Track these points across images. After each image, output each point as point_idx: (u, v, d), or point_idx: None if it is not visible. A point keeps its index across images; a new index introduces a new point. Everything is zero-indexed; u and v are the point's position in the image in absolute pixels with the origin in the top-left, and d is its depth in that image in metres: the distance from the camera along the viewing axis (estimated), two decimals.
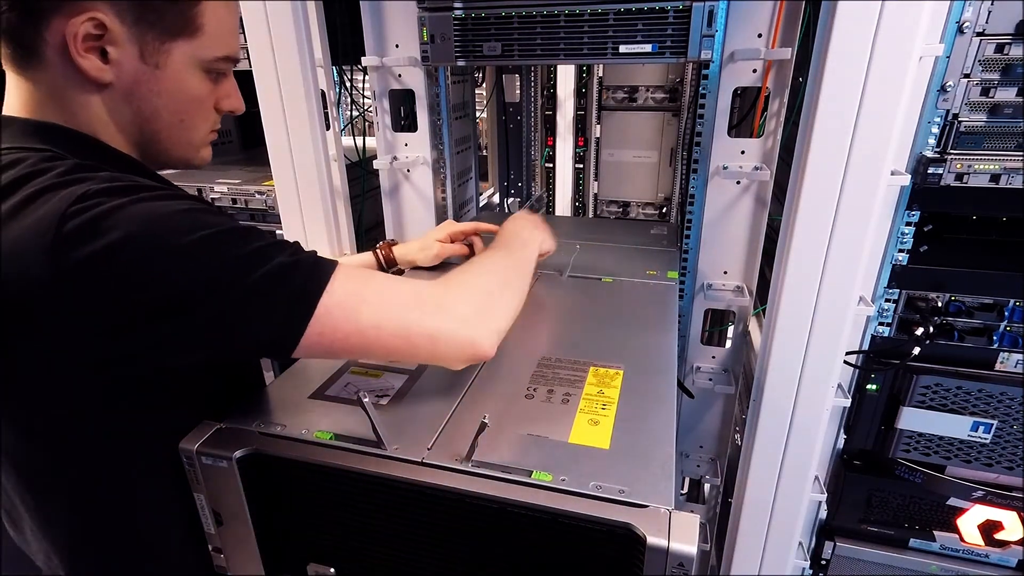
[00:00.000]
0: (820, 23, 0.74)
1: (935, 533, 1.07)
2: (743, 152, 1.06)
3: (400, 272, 0.98)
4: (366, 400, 0.55)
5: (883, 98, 0.72)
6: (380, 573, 0.60)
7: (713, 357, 1.25)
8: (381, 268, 0.96)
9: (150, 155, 0.61)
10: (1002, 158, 0.84)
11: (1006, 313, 0.93)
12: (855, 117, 0.73)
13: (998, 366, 0.96)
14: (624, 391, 0.67)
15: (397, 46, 1.14)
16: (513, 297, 0.68)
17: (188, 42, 0.56)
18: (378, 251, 0.96)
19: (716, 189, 1.09)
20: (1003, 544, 1.04)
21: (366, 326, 0.54)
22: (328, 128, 1.16)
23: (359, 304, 0.54)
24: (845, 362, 0.90)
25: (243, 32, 1.07)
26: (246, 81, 1.12)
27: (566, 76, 1.84)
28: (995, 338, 0.94)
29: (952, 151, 0.85)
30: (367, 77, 1.20)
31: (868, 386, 1.02)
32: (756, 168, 1.04)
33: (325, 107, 1.15)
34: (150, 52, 0.54)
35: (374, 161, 1.22)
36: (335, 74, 1.36)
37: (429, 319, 0.57)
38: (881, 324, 0.99)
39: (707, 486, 1.43)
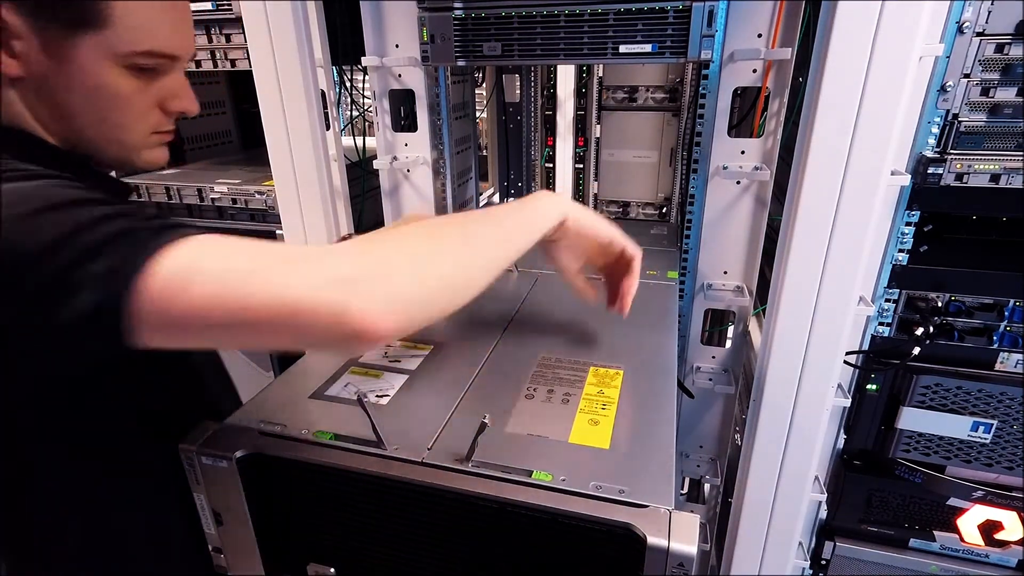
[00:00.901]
0: (820, 23, 0.74)
1: (935, 533, 1.07)
2: (743, 152, 1.06)
3: None
4: (365, 400, 0.55)
5: (883, 98, 0.72)
6: (380, 573, 0.60)
7: (713, 357, 1.25)
8: None
9: (89, 152, 0.57)
10: (1002, 158, 0.84)
11: (1006, 313, 0.93)
12: (855, 117, 0.73)
13: (998, 366, 0.96)
14: (624, 391, 0.67)
15: (397, 46, 1.14)
16: (451, 264, 0.50)
17: (96, 35, 0.51)
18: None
19: (716, 189, 1.09)
20: (1003, 544, 1.04)
21: (199, 304, 0.42)
22: (328, 128, 1.16)
23: (192, 276, 0.42)
24: (845, 362, 0.90)
25: (243, 32, 1.07)
26: (246, 81, 1.13)
27: (566, 76, 1.83)
28: (995, 338, 0.94)
29: (952, 151, 0.85)
30: (367, 77, 1.20)
31: (868, 386, 1.02)
32: (756, 168, 1.04)
33: (325, 107, 1.15)
34: (53, 45, 0.50)
35: (374, 161, 1.22)
36: (335, 74, 1.36)
37: (285, 282, 0.43)
38: (881, 324, 0.99)
39: (707, 486, 1.43)
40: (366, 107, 1.43)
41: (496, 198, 2.02)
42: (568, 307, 0.92)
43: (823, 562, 1.12)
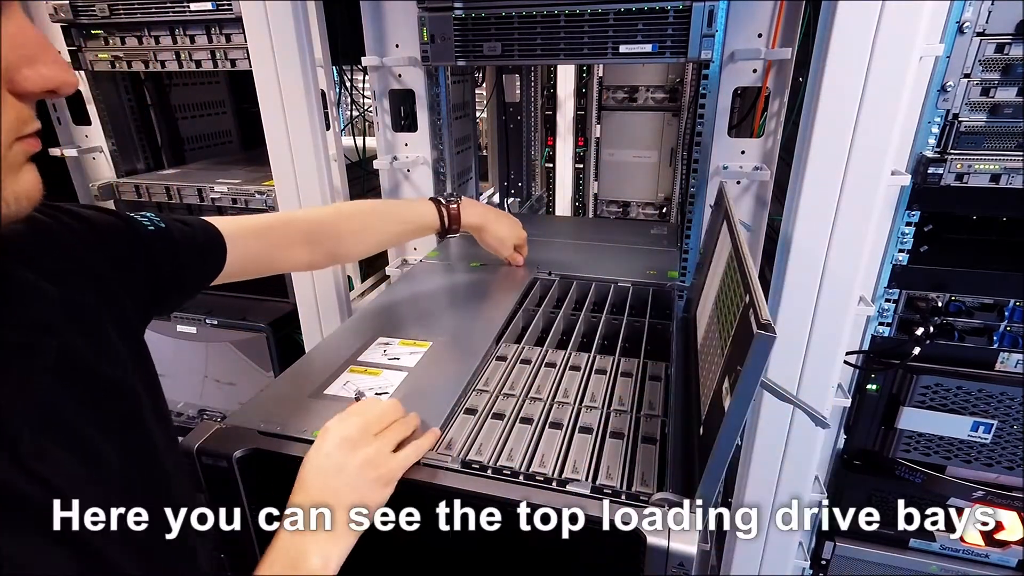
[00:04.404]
0: (820, 23, 0.74)
1: (935, 533, 1.07)
2: (743, 152, 1.06)
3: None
4: (363, 399, 0.55)
5: (883, 98, 0.72)
6: (380, 573, 0.60)
7: None
8: (443, 227, 0.87)
9: None
10: (1002, 158, 0.84)
11: (1006, 313, 0.93)
12: (855, 117, 0.73)
13: (998, 366, 0.96)
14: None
15: (397, 46, 1.14)
16: None
17: None
18: (442, 206, 0.86)
19: (716, 189, 1.09)
20: (1003, 544, 1.04)
21: None
22: (328, 128, 1.16)
23: None
24: (845, 362, 0.90)
25: (243, 32, 1.07)
26: (246, 81, 1.13)
27: (566, 76, 1.83)
28: (995, 338, 0.94)
29: (952, 151, 0.85)
30: (367, 77, 1.20)
31: (868, 386, 1.02)
32: (756, 168, 1.04)
33: (325, 107, 1.15)
34: None
35: (374, 161, 1.22)
36: (335, 74, 1.36)
37: None
38: (881, 324, 0.99)
39: None
40: (366, 107, 1.44)
41: (496, 198, 2.02)
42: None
43: (823, 562, 1.12)
